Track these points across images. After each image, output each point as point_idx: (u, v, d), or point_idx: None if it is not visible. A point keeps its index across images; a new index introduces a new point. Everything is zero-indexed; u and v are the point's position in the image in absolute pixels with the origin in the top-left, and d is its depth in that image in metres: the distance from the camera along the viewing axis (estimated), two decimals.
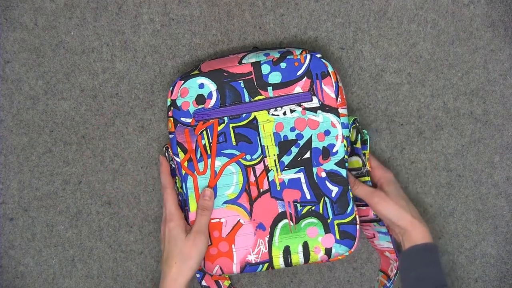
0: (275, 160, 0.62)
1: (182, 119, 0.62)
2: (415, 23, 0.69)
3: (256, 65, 0.61)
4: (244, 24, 0.68)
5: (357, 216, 0.62)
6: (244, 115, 0.62)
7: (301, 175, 0.62)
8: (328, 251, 0.62)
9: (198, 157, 0.62)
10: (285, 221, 0.62)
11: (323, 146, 0.62)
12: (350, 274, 0.72)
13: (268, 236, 0.62)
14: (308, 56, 0.61)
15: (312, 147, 0.62)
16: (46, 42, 0.68)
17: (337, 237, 0.62)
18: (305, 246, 0.62)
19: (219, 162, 0.62)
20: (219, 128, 0.62)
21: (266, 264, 0.62)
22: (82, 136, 0.69)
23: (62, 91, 0.69)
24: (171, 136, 0.62)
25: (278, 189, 0.62)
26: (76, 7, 0.67)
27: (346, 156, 0.62)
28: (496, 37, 0.69)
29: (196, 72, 0.62)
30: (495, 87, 0.70)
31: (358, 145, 0.65)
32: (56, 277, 0.71)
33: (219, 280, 0.69)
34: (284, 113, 0.62)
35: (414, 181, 0.71)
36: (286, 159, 0.62)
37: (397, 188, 0.64)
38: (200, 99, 0.61)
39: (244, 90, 0.61)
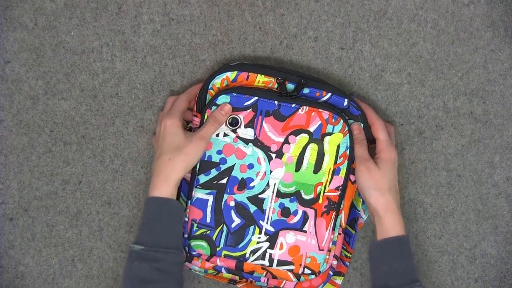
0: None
1: None
2: (415, 23, 0.69)
3: None
4: (244, 24, 0.68)
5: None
6: None
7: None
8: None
9: None
10: None
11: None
12: (350, 274, 0.72)
13: None
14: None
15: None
16: (46, 42, 0.68)
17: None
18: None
19: None
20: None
21: None
22: (82, 136, 0.69)
23: (62, 91, 0.69)
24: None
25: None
26: (76, 7, 0.67)
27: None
28: (496, 37, 0.69)
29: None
30: (495, 87, 0.70)
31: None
32: (56, 277, 0.71)
33: None
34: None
35: (414, 181, 0.71)
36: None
37: (392, 170, 0.63)
38: None
39: None
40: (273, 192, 0.63)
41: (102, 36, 0.68)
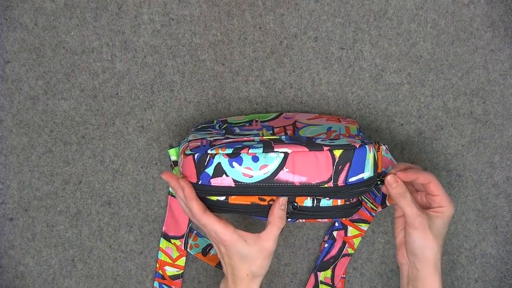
0: None
1: None
2: (415, 23, 0.69)
3: None
4: (244, 24, 0.68)
5: None
6: None
7: None
8: None
9: None
10: None
11: None
12: (350, 274, 0.72)
13: None
14: None
15: None
16: (46, 42, 0.68)
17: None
18: None
19: None
20: None
21: None
22: (82, 136, 0.69)
23: (62, 91, 0.69)
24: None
25: None
26: (76, 7, 0.67)
27: None
28: (496, 37, 0.69)
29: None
30: (495, 87, 0.70)
31: None
32: (56, 277, 0.71)
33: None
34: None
35: None
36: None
37: (447, 224, 0.57)
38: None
39: None
40: None
41: (102, 36, 0.68)
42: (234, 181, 0.52)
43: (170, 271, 0.70)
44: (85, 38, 0.68)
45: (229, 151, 0.52)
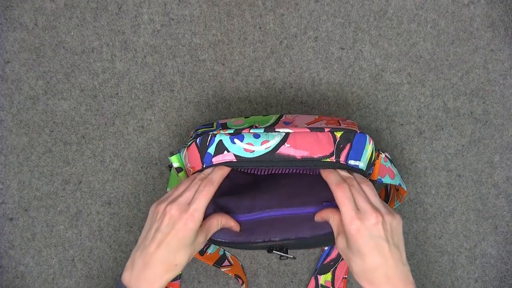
0: None
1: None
2: (415, 23, 0.69)
3: None
4: (244, 24, 0.68)
5: None
6: None
7: None
8: None
9: None
10: None
11: None
12: (350, 274, 0.72)
13: None
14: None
15: None
16: (46, 42, 0.68)
17: None
18: None
19: None
20: None
21: None
22: (82, 136, 0.69)
23: (62, 91, 0.69)
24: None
25: None
26: (76, 7, 0.67)
27: None
28: (496, 37, 0.69)
29: None
30: (495, 87, 0.70)
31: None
32: (56, 277, 0.71)
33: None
34: None
35: (414, 181, 0.71)
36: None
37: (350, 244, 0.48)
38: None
39: None
40: None
41: (102, 36, 0.68)
42: (236, 156, 0.52)
43: None
44: (85, 38, 0.68)
45: (231, 131, 0.52)
